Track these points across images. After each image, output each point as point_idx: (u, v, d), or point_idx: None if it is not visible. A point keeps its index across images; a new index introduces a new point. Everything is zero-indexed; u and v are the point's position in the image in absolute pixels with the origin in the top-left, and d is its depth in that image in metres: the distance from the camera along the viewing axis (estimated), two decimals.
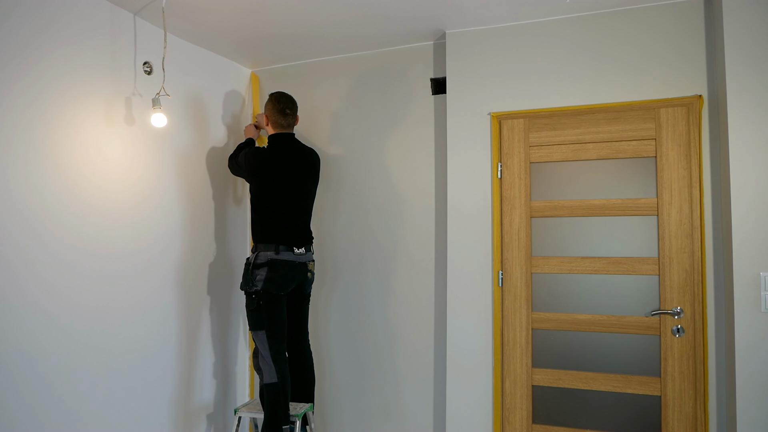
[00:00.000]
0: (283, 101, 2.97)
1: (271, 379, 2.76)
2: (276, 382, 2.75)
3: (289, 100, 2.99)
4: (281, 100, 2.97)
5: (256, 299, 2.80)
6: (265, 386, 2.77)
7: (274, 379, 2.76)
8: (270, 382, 2.76)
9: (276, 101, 2.97)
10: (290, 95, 3.04)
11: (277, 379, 2.75)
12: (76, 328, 2.44)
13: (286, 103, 2.97)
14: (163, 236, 2.92)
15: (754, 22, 2.41)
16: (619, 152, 2.75)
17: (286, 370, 2.81)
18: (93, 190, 2.54)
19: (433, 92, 3.19)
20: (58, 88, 2.38)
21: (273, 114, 2.97)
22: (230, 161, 3.19)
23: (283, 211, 2.90)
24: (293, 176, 2.94)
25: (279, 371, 2.77)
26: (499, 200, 2.92)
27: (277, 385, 2.75)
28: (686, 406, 2.59)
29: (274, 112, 2.97)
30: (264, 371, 2.79)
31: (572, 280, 2.81)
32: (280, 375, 2.76)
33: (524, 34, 2.90)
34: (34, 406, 2.26)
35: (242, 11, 2.74)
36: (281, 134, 2.99)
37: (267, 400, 2.76)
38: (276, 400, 2.74)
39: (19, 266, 2.21)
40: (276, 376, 2.76)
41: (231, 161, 3.18)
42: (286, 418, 2.77)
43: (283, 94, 3.00)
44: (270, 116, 2.98)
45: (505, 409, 2.87)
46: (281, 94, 3.01)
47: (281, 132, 2.99)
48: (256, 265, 2.82)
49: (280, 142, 2.98)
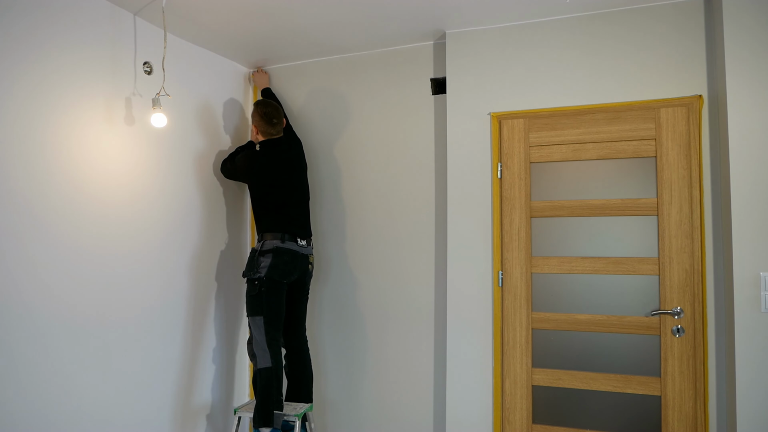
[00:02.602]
0: (268, 111, 3.03)
1: (264, 363, 2.80)
2: (270, 366, 2.80)
3: (274, 109, 3.05)
4: (266, 111, 3.03)
5: (258, 285, 2.86)
6: (259, 371, 2.81)
7: (268, 364, 2.80)
8: (264, 366, 2.80)
9: (263, 113, 3.02)
10: (273, 102, 3.09)
11: (270, 364, 2.80)
12: (76, 328, 2.44)
13: (271, 113, 3.03)
14: (162, 236, 2.92)
15: (754, 22, 2.41)
16: (619, 152, 2.75)
17: (280, 357, 2.86)
18: (93, 189, 2.54)
19: (433, 92, 3.19)
20: (58, 88, 2.38)
21: (261, 125, 3.04)
22: (224, 165, 3.24)
23: (287, 204, 3.00)
24: (290, 173, 3.05)
25: (273, 356, 2.82)
26: (499, 200, 2.92)
27: (271, 369, 2.80)
28: (686, 406, 2.59)
29: (262, 123, 3.03)
30: (258, 356, 2.83)
31: (572, 280, 2.81)
32: (274, 360, 2.82)
33: (524, 34, 2.90)
34: (35, 406, 2.26)
35: (242, 11, 2.74)
36: (272, 140, 3.06)
37: (260, 383, 2.79)
38: (269, 383, 2.78)
39: (19, 266, 2.21)
40: (270, 360, 2.80)
41: (225, 165, 3.23)
42: (279, 404, 2.82)
43: (267, 104, 3.05)
44: (258, 126, 3.05)
45: (505, 409, 2.87)
46: (265, 104, 3.06)
47: (271, 138, 3.06)
48: (262, 252, 2.90)
49: (272, 147, 3.05)
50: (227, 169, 3.21)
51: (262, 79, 3.52)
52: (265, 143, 3.05)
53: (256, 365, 2.84)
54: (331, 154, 3.42)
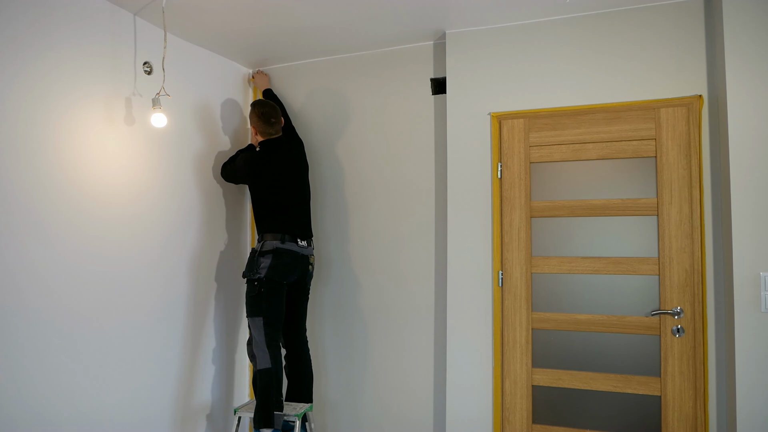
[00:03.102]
0: (266, 111, 3.01)
1: (264, 364, 2.80)
2: (269, 367, 2.80)
3: (272, 109, 3.03)
4: (264, 112, 3.01)
5: (258, 286, 2.85)
6: (259, 372, 2.81)
7: (268, 365, 2.80)
8: (264, 367, 2.80)
9: (260, 113, 3.01)
10: (270, 102, 3.08)
11: (270, 365, 2.80)
12: (76, 328, 2.44)
13: (269, 112, 3.01)
14: (162, 236, 2.92)
15: (754, 22, 2.41)
16: (619, 152, 2.75)
17: (280, 357, 2.86)
18: (93, 189, 2.54)
19: (433, 92, 3.19)
20: (58, 88, 2.38)
21: (259, 125, 3.02)
22: (224, 169, 3.22)
23: (288, 205, 2.99)
24: (291, 173, 3.04)
25: (273, 357, 2.81)
26: (499, 200, 2.92)
27: (271, 370, 2.79)
28: (686, 406, 2.59)
29: (260, 123, 3.01)
30: (258, 357, 2.82)
31: (572, 280, 2.81)
32: (274, 361, 2.81)
33: (524, 34, 2.90)
34: (35, 407, 2.26)
35: (242, 11, 2.74)
36: (271, 140, 3.04)
37: (260, 384, 2.79)
38: (269, 384, 2.78)
39: (19, 266, 2.21)
40: (270, 361, 2.80)
41: (225, 168, 3.21)
42: (279, 404, 2.81)
43: (264, 104, 3.04)
44: (257, 127, 3.03)
45: (505, 409, 2.87)
46: (262, 104, 3.05)
47: (270, 138, 3.04)
48: (262, 253, 2.89)
49: (272, 147, 3.03)
50: (227, 172, 3.20)
51: (263, 81, 3.52)
52: (265, 143, 3.04)
53: (255, 366, 2.84)
54: (331, 154, 3.42)
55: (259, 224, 3.01)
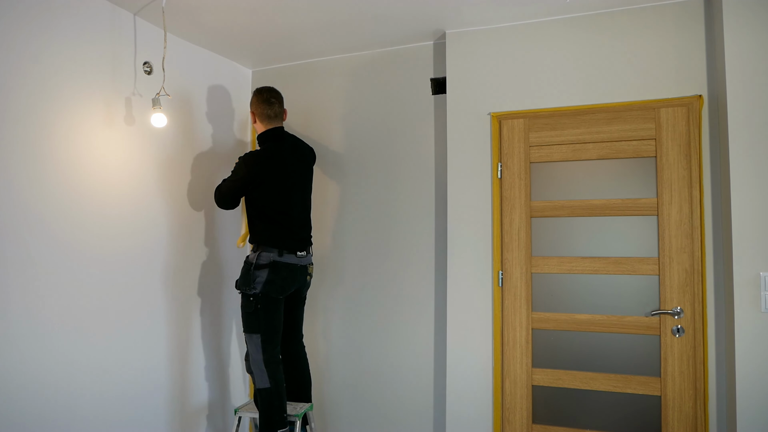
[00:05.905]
0: (266, 91, 2.91)
1: (263, 384, 2.72)
2: (268, 387, 2.71)
3: (272, 90, 2.93)
4: (263, 90, 2.91)
5: (254, 302, 2.73)
6: (258, 391, 2.74)
7: (267, 385, 2.71)
8: (263, 387, 2.72)
9: (258, 93, 2.91)
10: (274, 87, 3.00)
11: (269, 384, 2.71)
12: (75, 327, 2.44)
13: (269, 92, 2.90)
14: (162, 236, 2.92)
15: (754, 22, 2.41)
16: (619, 152, 2.75)
17: (279, 374, 2.76)
18: (93, 189, 2.54)
19: (433, 92, 3.19)
20: (58, 88, 2.38)
21: (258, 106, 2.88)
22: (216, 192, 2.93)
23: (287, 215, 2.84)
24: (293, 176, 2.88)
25: (271, 376, 2.72)
26: (499, 200, 2.92)
27: (270, 390, 2.71)
28: (686, 406, 2.59)
29: (259, 104, 2.88)
30: (256, 375, 2.74)
31: (572, 280, 2.81)
32: (273, 380, 2.72)
33: (524, 34, 2.90)
34: (31, 410, 2.26)
35: (242, 11, 2.74)
36: (271, 130, 2.89)
37: (261, 405, 2.74)
38: (270, 404, 2.72)
39: (17, 266, 2.21)
40: (268, 381, 2.71)
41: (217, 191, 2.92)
42: (282, 422, 2.73)
43: (265, 87, 2.96)
44: (256, 110, 2.90)
45: (505, 409, 2.87)
46: (264, 86, 2.96)
47: (271, 128, 2.89)
48: (258, 266, 2.74)
49: (273, 140, 2.88)
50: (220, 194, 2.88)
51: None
52: (265, 135, 2.88)
53: (255, 384, 2.76)
54: (331, 154, 3.42)
55: (254, 234, 2.83)
